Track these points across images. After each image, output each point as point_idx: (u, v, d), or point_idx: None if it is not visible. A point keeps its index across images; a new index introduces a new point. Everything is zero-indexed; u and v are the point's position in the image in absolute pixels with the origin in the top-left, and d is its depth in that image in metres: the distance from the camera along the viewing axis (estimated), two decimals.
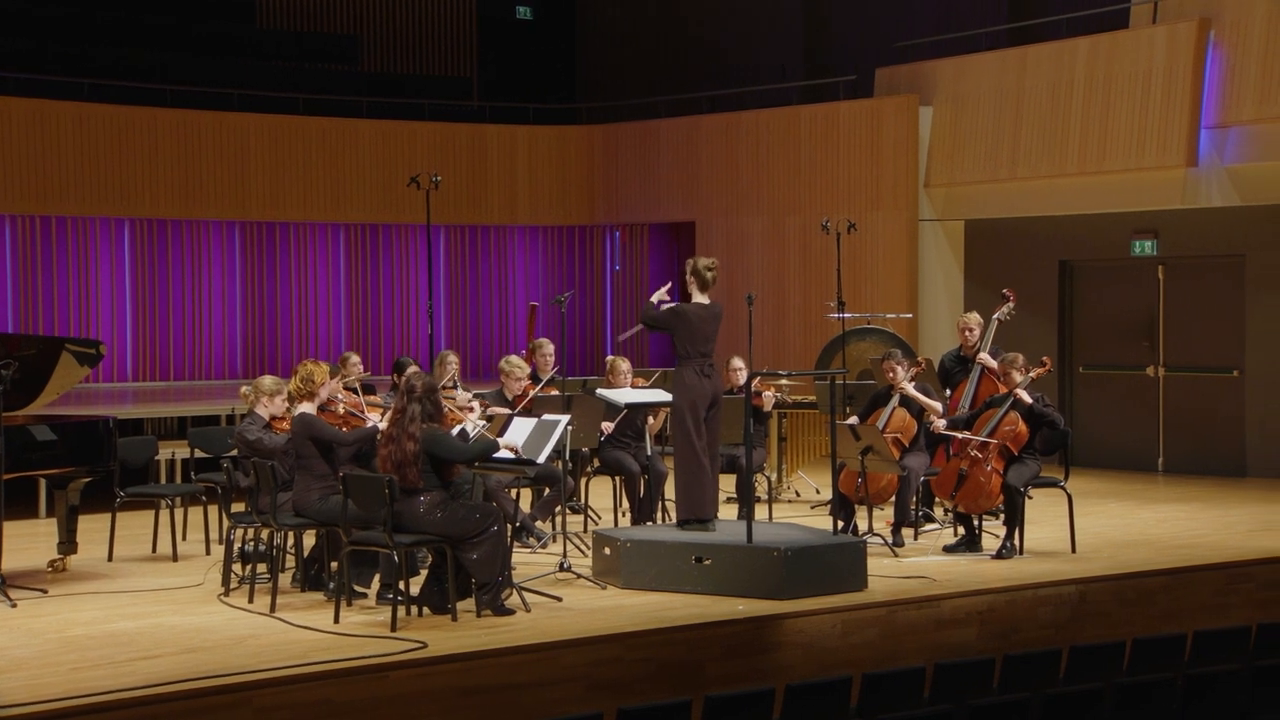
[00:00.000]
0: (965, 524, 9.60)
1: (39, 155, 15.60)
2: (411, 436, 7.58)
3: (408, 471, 7.56)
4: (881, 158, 15.43)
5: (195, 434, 10.67)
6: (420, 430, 7.59)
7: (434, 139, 17.42)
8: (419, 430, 7.59)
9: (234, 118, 16.59)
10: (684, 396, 8.68)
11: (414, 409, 7.62)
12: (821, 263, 15.06)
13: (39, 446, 8.73)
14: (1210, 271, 13.93)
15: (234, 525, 8.53)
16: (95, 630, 7.54)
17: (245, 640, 7.26)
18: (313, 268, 17.48)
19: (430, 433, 7.62)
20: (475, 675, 6.89)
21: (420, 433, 7.58)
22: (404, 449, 7.57)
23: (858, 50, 17.04)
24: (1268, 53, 12.77)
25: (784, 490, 12.37)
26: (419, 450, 7.56)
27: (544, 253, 18.68)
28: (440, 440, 7.66)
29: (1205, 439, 13.91)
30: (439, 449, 7.62)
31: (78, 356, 9.13)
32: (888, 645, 7.93)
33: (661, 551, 8.40)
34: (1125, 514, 11.38)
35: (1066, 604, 8.61)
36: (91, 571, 9.18)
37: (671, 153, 17.28)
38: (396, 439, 7.62)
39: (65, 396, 9.61)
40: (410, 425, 7.59)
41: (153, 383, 16.48)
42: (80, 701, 6.13)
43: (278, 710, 6.40)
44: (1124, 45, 13.80)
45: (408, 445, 7.57)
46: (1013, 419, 9.39)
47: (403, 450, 7.57)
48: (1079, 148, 13.97)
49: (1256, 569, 9.37)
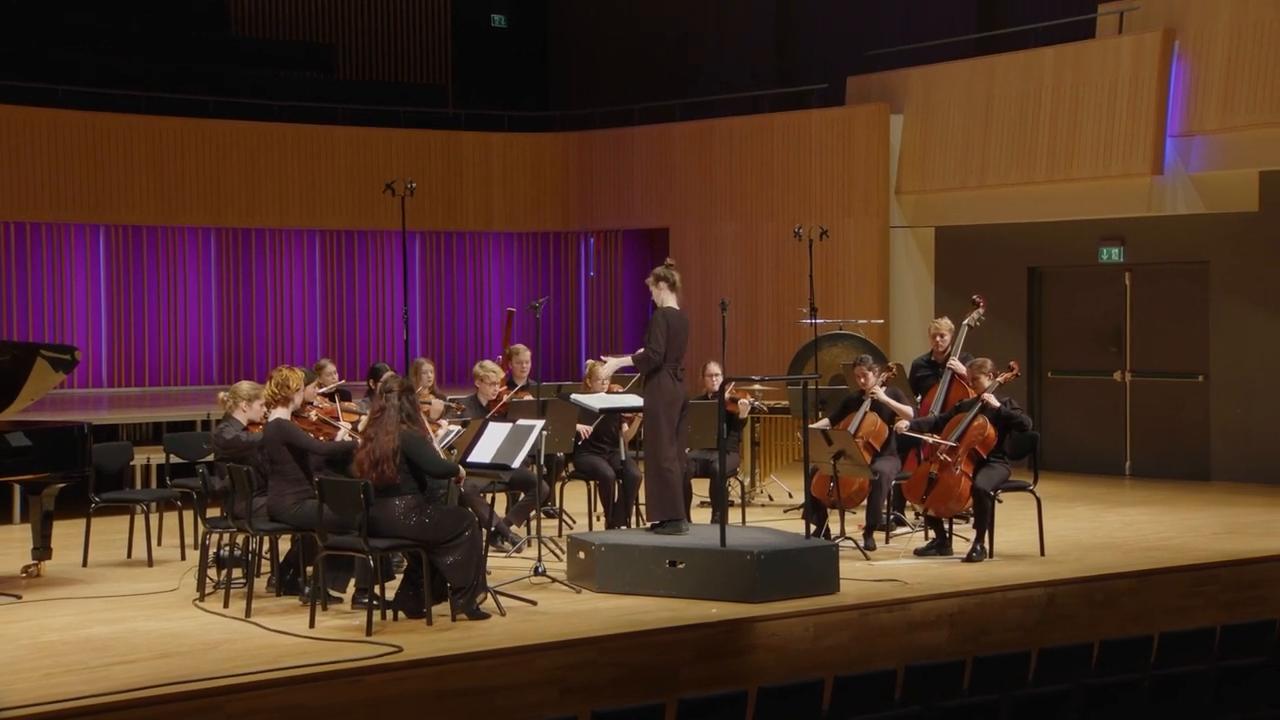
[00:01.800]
0: (936, 527, 9.63)
1: (13, 161, 15.50)
2: (389, 434, 7.60)
3: (385, 467, 7.57)
4: (853, 165, 15.47)
5: (170, 439, 10.62)
6: (398, 429, 7.60)
7: (409, 146, 17.39)
8: (396, 429, 7.60)
9: (209, 125, 16.52)
10: (660, 399, 8.72)
11: (392, 409, 7.64)
12: (794, 269, 15.09)
13: (13, 452, 8.68)
14: (1176, 278, 14.02)
15: (209, 530, 8.49)
16: (70, 635, 7.49)
17: (220, 645, 7.22)
18: (288, 274, 17.42)
19: (408, 434, 7.64)
20: (450, 679, 6.87)
21: (399, 431, 7.60)
22: (382, 445, 7.59)
23: (829, 59, 17.08)
24: (1231, 64, 12.86)
25: (757, 494, 12.37)
26: (398, 448, 7.59)
27: (519, 259, 18.66)
28: (416, 444, 7.68)
29: (1171, 443, 13.98)
30: (413, 452, 7.63)
31: (52, 362, 9.08)
32: (859, 648, 7.94)
33: (635, 555, 8.40)
34: (1093, 517, 11.43)
35: (1035, 606, 8.64)
36: (66, 577, 9.12)
37: (645, 160, 17.29)
38: (374, 437, 7.64)
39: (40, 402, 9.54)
40: (388, 424, 7.61)
41: (128, 388, 16.39)
42: (54, 707, 6.09)
43: (252, 715, 6.37)
44: (1091, 55, 13.87)
45: (385, 441, 7.59)
46: (981, 423, 9.43)
47: (380, 447, 7.59)
48: (1047, 156, 14.03)
49: (1221, 571, 9.43)
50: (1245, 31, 12.78)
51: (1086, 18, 14.52)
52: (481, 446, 8.28)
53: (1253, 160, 13.11)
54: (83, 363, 15.46)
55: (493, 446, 8.24)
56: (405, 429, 7.64)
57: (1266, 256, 13.33)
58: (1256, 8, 12.76)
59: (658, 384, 8.72)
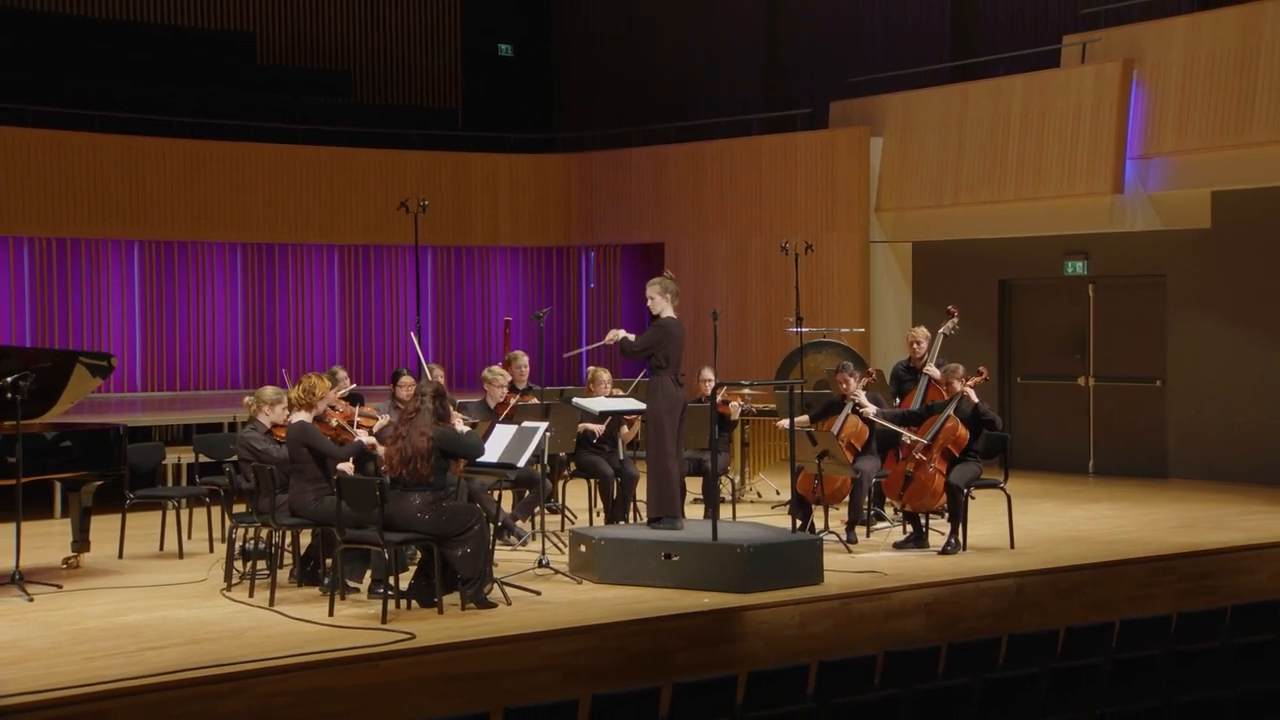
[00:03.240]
0: (913, 522, 9.63)
1: (55, 182, 15.50)
2: (424, 434, 7.59)
3: (419, 465, 7.57)
4: (836, 184, 15.48)
5: (200, 440, 10.62)
6: (433, 429, 7.60)
7: (422, 166, 17.38)
8: (430, 429, 7.60)
9: (237, 147, 16.52)
10: (663, 403, 8.67)
11: (426, 410, 7.65)
12: (781, 281, 15.10)
13: (55, 452, 8.68)
14: (1135, 290, 14.03)
15: (235, 525, 8.48)
16: (106, 623, 7.49)
17: (246, 632, 7.22)
18: (309, 286, 17.41)
19: (443, 430, 7.66)
20: (460, 664, 6.87)
21: (433, 431, 7.60)
22: (415, 445, 7.58)
23: (813, 85, 17.10)
24: (1184, 92, 12.90)
25: (746, 492, 12.37)
26: (432, 447, 7.59)
27: (524, 272, 18.66)
28: (451, 438, 7.71)
29: (1131, 444, 13.99)
30: (451, 445, 7.66)
31: (90, 368, 9.08)
32: (842, 635, 7.93)
33: (633, 549, 8.40)
34: (1059, 513, 11.43)
35: (1005, 595, 8.64)
36: (103, 568, 9.12)
37: (642, 179, 17.29)
38: (408, 436, 7.62)
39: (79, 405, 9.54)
40: (422, 425, 7.61)
41: (160, 393, 16.37)
42: (92, 689, 6.10)
43: (277, 697, 6.37)
44: (1056, 83, 13.90)
45: (419, 441, 7.58)
46: (953, 423, 9.44)
47: (414, 446, 7.58)
48: (1016, 176, 14.05)
49: (1177, 562, 9.43)
50: (1197, 63, 12.82)
51: (1052, 48, 14.55)
52: (489, 447, 8.28)
53: (1205, 180, 13.14)
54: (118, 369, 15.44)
55: (499, 447, 8.25)
56: (439, 428, 7.65)
57: (1219, 270, 13.35)
58: (1208, 41, 12.80)
59: (660, 389, 8.69)
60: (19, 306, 15.75)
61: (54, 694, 6.01)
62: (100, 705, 6.02)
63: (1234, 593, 9.08)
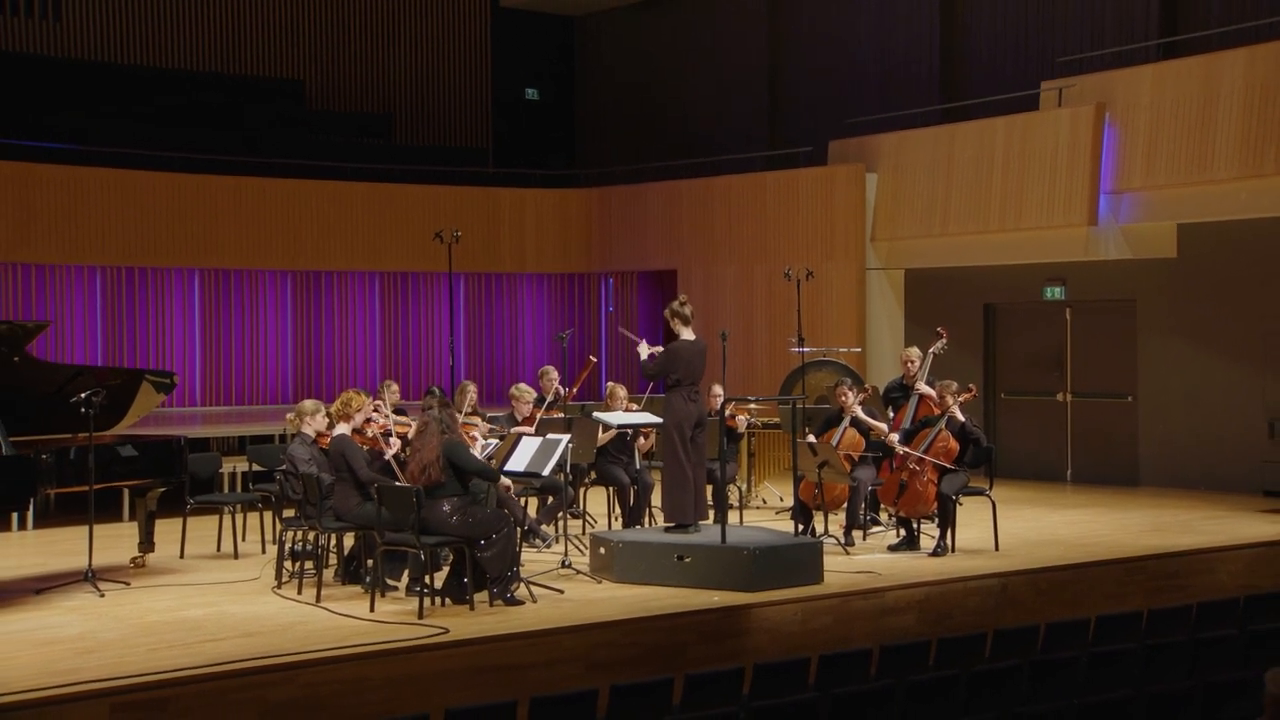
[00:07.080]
0: (906, 527, 9.61)
1: (125, 217, 15.62)
2: (432, 444, 7.65)
3: (431, 471, 7.62)
4: (834, 216, 15.49)
5: (253, 450, 10.65)
6: (439, 439, 7.65)
7: (455, 201, 17.44)
8: (438, 439, 7.65)
9: (288, 184, 16.60)
10: (673, 418, 8.69)
11: (434, 422, 7.71)
12: (784, 305, 15.10)
13: (123, 461, 8.71)
14: (1109, 313, 14.00)
15: (285, 528, 8.51)
16: (169, 617, 7.52)
17: (295, 626, 7.24)
18: (353, 309, 17.47)
19: (449, 441, 7.68)
20: (490, 656, 6.87)
21: (440, 441, 7.64)
22: (426, 454, 7.65)
23: (814, 126, 17.12)
24: (1152, 133, 12.90)
25: (753, 499, 12.36)
26: (440, 454, 7.63)
27: (548, 297, 18.69)
28: (457, 449, 7.72)
29: (1105, 454, 13.95)
30: (454, 455, 7.68)
31: (155, 385, 9.13)
32: (840, 630, 7.92)
33: (649, 551, 8.40)
34: (1039, 518, 11.39)
35: (991, 594, 8.61)
36: (166, 567, 9.16)
37: (656, 212, 17.32)
38: (420, 448, 7.69)
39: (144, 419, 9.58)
40: (430, 436, 7.67)
41: (217, 407, 16.43)
42: (157, 677, 6.13)
43: (322, 685, 6.38)
44: (1035, 125, 13.90)
45: (429, 450, 7.65)
46: (944, 437, 9.42)
47: (425, 455, 7.65)
48: (999, 209, 14.05)
49: (1148, 563, 9.40)
50: (1164, 107, 12.82)
51: (1031, 93, 14.56)
52: (516, 457, 8.30)
53: (1172, 214, 13.12)
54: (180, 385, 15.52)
55: (526, 457, 8.26)
56: (446, 438, 7.67)
57: (1184, 296, 13.32)
58: (1173, 87, 12.81)
59: (670, 405, 8.71)
60: (91, 329, 15.85)
61: (122, 682, 6.04)
62: (163, 693, 6.04)
63: (1199, 591, 9.03)
